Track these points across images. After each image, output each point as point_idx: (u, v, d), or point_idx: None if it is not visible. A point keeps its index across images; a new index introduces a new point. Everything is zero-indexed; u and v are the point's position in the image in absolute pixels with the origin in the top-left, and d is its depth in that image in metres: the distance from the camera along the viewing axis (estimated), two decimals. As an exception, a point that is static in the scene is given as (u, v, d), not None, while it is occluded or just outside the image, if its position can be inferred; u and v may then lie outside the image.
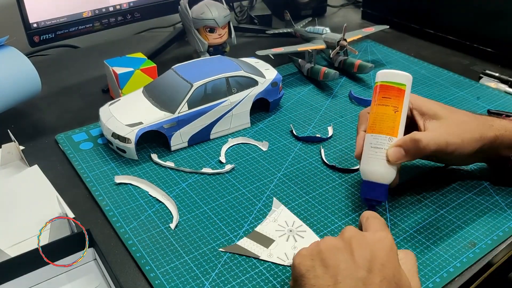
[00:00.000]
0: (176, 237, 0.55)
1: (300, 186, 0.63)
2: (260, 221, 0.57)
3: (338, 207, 0.59)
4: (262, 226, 0.56)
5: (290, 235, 0.55)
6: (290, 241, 0.54)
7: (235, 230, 0.56)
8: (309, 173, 0.65)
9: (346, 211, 0.59)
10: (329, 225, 0.57)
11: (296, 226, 0.57)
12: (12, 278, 0.48)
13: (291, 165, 0.67)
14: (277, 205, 0.60)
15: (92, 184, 0.63)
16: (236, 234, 0.55)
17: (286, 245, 0.54)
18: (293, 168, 0.66)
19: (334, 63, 0.94)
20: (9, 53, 0.71)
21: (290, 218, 0.58)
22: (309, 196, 0.61)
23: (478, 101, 0.83)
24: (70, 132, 0.74)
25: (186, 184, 0.63)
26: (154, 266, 0.51)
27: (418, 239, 0.55)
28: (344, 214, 0.58)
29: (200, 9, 0.85)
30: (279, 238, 0.55)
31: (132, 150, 0.66)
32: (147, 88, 0.73)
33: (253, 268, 0.51)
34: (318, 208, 0.59)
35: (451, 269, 0.51)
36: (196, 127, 0.70)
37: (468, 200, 0.61)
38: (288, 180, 0.64)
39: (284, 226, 0.57)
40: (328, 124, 0.77)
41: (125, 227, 0.56)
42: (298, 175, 0.65)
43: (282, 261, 0.52)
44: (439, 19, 1.05)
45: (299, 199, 0.61)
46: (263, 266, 0.51)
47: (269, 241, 0.54)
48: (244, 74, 0.73)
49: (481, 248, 0.54)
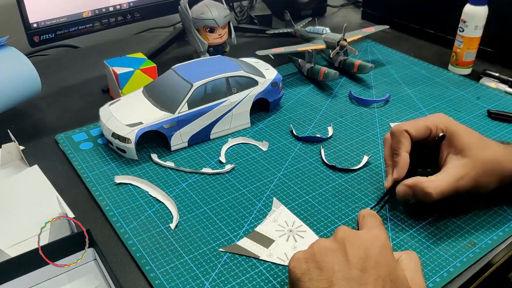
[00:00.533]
0: (176, 237, 0.55)
1: (300, 186, 0.63)
2: (260, 221, 0.57)
3: (338, 207, 0.59)
4: (262, 226, 0.56)
5: (290, 235, 0.55)
6: (290, 241, 0.54)
7: (235, 230, 0.56)
8: (309, 173, 0.65)
9: (346, 211, 0.59)
10: (329, 225, 0.57)
11: (296, 226, 0.56)
12: (12, 278, 0.48)
13: (291, 165, 0.67)
14: (277, 205, 0.60)
15: (92, 184, 0.63)
16: (236, 234, 0.55)
17: (286, 245, 0.54)
18: (293, 168, 0.66)
19: (334, 63, 0.94)
20: (9, 53, 0.71)
21: (290, 218, 0.58)
22: (309, 196, 0.61)
23: (478, 101, 0.83)
24: (70, 132, 0.74)
25: (186, 184, 0.63)
26: (154, 266, 0.51)
27: (419, 239, 0.55)
28: (344, 214, 0.58)
29: (200, 9, 0.85)
30: (279, 238, 0.55)
31: (132, 150, 0.66)
32: (147, 88, 0.73)
33: (253, 268, 0.51)
34: (318, 208, 0.59)
35: (451, 268, 0.51)
36: (196, 127, 0.70)
37: (468, 199, 0.60)
38: (288, 180, 0.64)
39: (284, 226, 0.57)
40: (328, 124, 0.77)
41: (125, 227, 0.56)
42: (298, 175, 0.65)
43: (282, 261, 0.52)
44: (439, 19, 1.05)
45: (299, 199, 0.61)
46: (263, 266, 0.51)
47: (269, 241, 0.54)
48: (244, 74, 0.73)
49: (481, 248, 0.54)
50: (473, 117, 0.78)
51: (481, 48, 0.90)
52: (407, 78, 0.91)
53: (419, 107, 0.81)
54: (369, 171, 0.66)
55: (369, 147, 0.71)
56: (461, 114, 0.79)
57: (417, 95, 0.85)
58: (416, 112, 0.80)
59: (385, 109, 0.81)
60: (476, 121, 0.77)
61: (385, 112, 0.80)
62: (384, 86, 0.88)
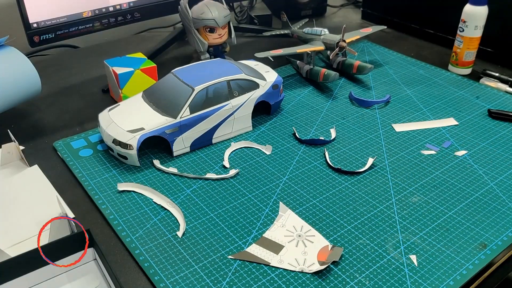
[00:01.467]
0: (184, 245, 0.54)
1: (307, 190, 0.62)
2: (268, 226, 0.56)
3: (346, 211, 0.59)
4: (270, 232, 0.56)
5: (299, 240, 0.54)
6: (300, 247, 0.53)
7: (243, 236, 0.55)
8: (315, 177, 0.65)
9: (355, 214, 0.58)
10: (339, 230, 0.56)
11: (304, 231, 0.56)
12: (12, 278, 0.48)
13: (296, 168, 0.66)
14: (283, 209, 0.59)
15: (95, 192, 0.62)
16: (245, 240, 0.54)
17: (296, 251, 0.53)
18: (298, 172, 0.66)
19: (333, 64, 0.94)
20: (9, 53, 0.70)
21: (298, 222, 0.57)
22: (316, 200, 0.60)
23: (478, 100, 0.83)
24: (68, 139, 0.72)
25: (190, 190, 0.62)
26: (164, 276, 0.50)
27: (429, 242, 0.54)
28: (353, 218, 0.58)
29: (200, 9, 0.84)
30: (289, 244, 0.54)
31: (134, 157, 0.65)
32: (147, 92, 0.72)
33: (264, 276, 0.50)
34: (326, 212, 0.58)
35: (464, 271, 0.50)
36: (198, 132, 0.69)
37: (476, 201, 0.60)
38: (294, 184, 0.63)
39: (293, 231, 0.56)
40: (330, 126, 0.76)
41: (131, 236, 0.55)
42: (303, 179, 0.64)
43: (293, 267, 0.51)
44: (439, 19, 1.05)
45: (306, 203, 0.60)
46: (274, 273, 0.50)
47: (279, 247, 0.54)
48: (245, 77, 0.72)
49: (492, 249, 0.53)
50: (474, 117, 0.78)
51: (481, 48, 0.90)
52: (406, 78, 0.91)
53: (420, 108, 0.81)
54: (374, 173, 0.65)
55: (373, 149, 0.70)
56: (462, 114, 0.79)
57: (417, 96, 0.85)
58: (417, 113, 0.79)
59: (386, 110, 0.81)
60: (477, 120, 0.77)
61: (386, 113, 0.80)
62: (384, 86, 0.88)
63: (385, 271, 0.51)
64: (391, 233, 0.55)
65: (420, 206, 0.59)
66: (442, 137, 0.73)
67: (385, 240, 0.54)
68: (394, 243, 0.54)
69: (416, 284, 0.49)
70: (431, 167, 0.66)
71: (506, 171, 0.65)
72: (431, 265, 0.51)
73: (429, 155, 0.69)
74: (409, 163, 0.67)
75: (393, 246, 0.54)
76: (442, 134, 0.74)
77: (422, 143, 0.72)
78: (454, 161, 0.68)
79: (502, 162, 0.67)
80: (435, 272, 0.50)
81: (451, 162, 0.67)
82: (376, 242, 0.54)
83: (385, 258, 0.52)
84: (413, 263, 0.51)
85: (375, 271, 0.50)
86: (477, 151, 0.70)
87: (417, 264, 0.51)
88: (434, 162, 0.67)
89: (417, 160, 0.68)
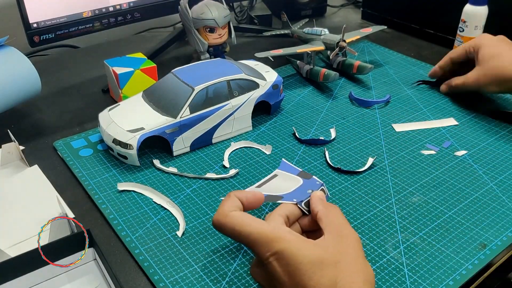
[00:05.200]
0: (184, 245, 0.54)
1: (306, 190, 0.62)
2: (268, 226, 0.56)
3: (345, 211, 0.59)
4: (270, 232, 0.56)
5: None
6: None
7: (243, 236, 0.55)
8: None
9: (354, 214, 0.58)
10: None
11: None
12: (12, 278, 0.47)
13: (295, 168, 0.66)
14: (284, 209, 0.59)
15: (95, 192, 0.62)
16: (244, 240, 0.54)
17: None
18: (298, 172, 0.65)
19: (333, 64, 0.94)
20: (9, 53, 0.70)
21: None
22: (316, 200, 0.60)
23: (478, 101, 0.83)
24: (68, 139, 0.72)
25: (190, 190, 0.62)
26: (163, 276, 0.50)
27: (429, 242, 0.54)
28: (353, 218, 0.58)
29: (200, 9, 0.84)
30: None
31: (134, 156, 0.65)
32: (147, 92, 0.72)
33: (264, 275, 0.50)
34: (326, 212, 0.58)
35: (463, 271, 0.50)
36: (198, 132, 0.69)
37: (475, 201, 0.60)
38: (293, 184, 0.63)
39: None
40: (330, 126, 0.76)
41: (131, 236, 0.55)
42: (303, 179, 0.64)
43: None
44: (439, 19, 1.05)
45: (306, 203, 0.60)
46: (274, 273, 0.50)
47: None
48: (245, 77, 0.72)
49: (491, 249, 0.53)
50: (474, 117, 0.78)
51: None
52: (406, 78, 0.91)
53: (420, 108, 0.81)
54: (374, 173, 0.65)
55: (373, 149, 0.70)
56: (462, 114, 0.79)
57: (417, 96, 0.85)
58: (417, 113, 0.79)
59: (386, 110, 0.81)
60: (477, 120, 0.77)
61: (386, 113, 0.80)
62: (384, 86, 0.88)
63: (385, 271, 0.51)
64: (390, 233, 0.55)
65: (420, 206, 0.59)
66: (442, 137, 0.73)
67: (384, 240, 0.54)
68: (394, 243, 0.54)
69: (416, 284, 0.49)
70: (431, 167, 0.66)
71: (506, 171, 0.65)
72: (430, 265, 0.51)
73: (429, 155, 0.69)
74: (409, 163, 0.67)
75: (393, 246, 0.54)
76: (442, 134, 0.74)
77: (422, 143, 0.72)
78: (454, 161, 0.68)
79: (502, 162, 0.67)
80: (434, 272, 0.50)
81: (451, 162, 0.67)
82: (375, 242, 0.54)
83: (385, 258, 0.52)
84: (413, 263, 0.51)
85: (375, 271, 0.50)
86: (477, 151, 0.70)
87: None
88: (434, 162, 0.67)
89: (417, 160, 0.68)
